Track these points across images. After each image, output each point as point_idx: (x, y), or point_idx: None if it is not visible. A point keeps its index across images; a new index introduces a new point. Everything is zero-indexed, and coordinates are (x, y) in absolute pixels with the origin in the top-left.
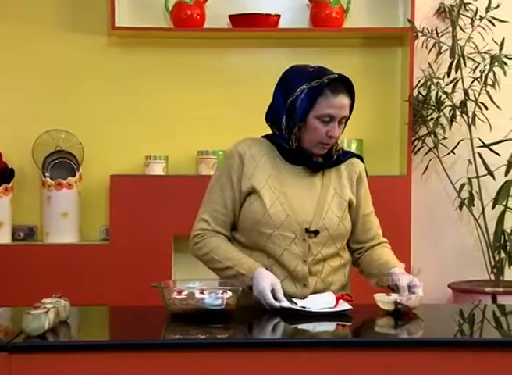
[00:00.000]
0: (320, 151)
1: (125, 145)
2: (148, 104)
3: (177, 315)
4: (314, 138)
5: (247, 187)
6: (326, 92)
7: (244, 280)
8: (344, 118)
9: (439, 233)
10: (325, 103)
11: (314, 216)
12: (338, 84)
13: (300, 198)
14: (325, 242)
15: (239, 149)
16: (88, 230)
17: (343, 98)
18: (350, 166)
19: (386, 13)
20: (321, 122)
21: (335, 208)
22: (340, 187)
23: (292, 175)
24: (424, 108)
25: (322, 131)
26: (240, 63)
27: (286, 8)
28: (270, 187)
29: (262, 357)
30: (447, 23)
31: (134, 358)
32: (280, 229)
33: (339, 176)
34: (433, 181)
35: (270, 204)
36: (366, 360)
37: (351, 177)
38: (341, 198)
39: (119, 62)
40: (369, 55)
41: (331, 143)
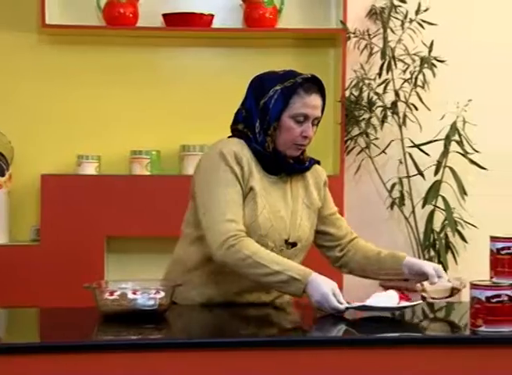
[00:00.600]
0: (294, 152)
1: (56, 144)
2: (80, 103)
3: (110, 316)
4: (288, 138)
5: (247, 189)
6: (300, 92)
7: (297, 285)
8: (317, 119)
9: (371, 232)
10: (299, 102)
11: (291, 227)
12: (311, 84)
13: (278, 209)
14: (297, 253)
15: (234, 149)
16: (18, 231)
17: (316, 98)
18: (316, 173)
19: (319, 14)
20: (295, 122)
21: (305, 220)
22: (308, 197)
23: (270, 184)
24: (357, 109)
25: (297, 131)
26: (173, 63)
27: (220, 7)
28: (260, 192)
29: (194, 357)
30: (378, 24)
31: (65, 360)
32: (264, 237)
33: (306, 185)
34: (365, 181)
35: (260, 210)
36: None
37: (318, 184)
38: (309, 209)
39: (50, 60)
40: (302, 55)
41: (305, 143)
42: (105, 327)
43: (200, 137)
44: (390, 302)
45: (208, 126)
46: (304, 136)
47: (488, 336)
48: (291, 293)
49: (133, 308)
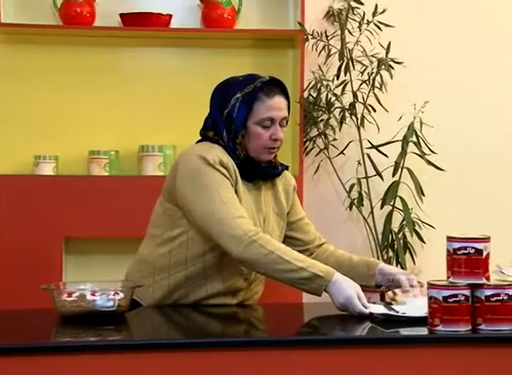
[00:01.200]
0: (267, 156)
1: (13, 144)
2: (38, 102)
3: (68, 317)
4: (258, 144)
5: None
6: (261, 96)
7: (319, 282)
8: (284, 119)
9: (330, 232)
10: (263, 107)
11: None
12: (271, 86)
13: (253, 216)
14: None
15: (220, 156)
16: None
17: (279, 99)
18: (284, 179)
19: (277, 15)
20: (262, 127)
21: (276, 229)
22: (278, 206)
23: (245, 191)
24: (315, 110)
25: (265, 136)
26: (131, 63)
27: (178, 8)
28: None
29: (154, 358)
30: (336, 26)
31: (22, 362)
32: None
33: (275, 192)
34: (324, 182)
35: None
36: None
37: (287, 190)
38: (279, 218)
39: (6, 60)
40: (260, 56)
41: (276, 146)
42: (64, 329)
43: (159, 138)
44: (420, 311)
45: (166, 127)
46: (273, 139)
47: (444, 335)
48: (312, 290)
49: (91, 309)
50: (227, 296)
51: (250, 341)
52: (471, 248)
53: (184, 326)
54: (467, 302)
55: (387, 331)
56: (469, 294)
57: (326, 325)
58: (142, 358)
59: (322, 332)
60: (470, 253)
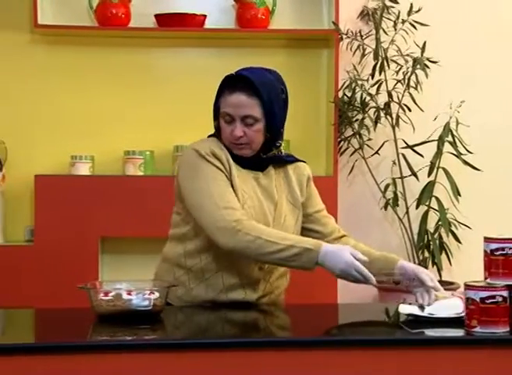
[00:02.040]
0: (237, 151)
1: (50, 145)
2: (73, 103)
3: (104, 316)
4: (224, 138)
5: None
6: (224, 91)
7: (310, 255)
8: (249, 117)
9: (365, 233)
10: (224, 102)
11: (274, 224)
12: (237, 83)
13: (261, 205)
14: None
15: (210, 146)
16: (12, 231)
17: (238, 97)
18: (298, 170)
19: (311, 15)
20: (224, 122)
21: (290, 217)
22: (292, 194)
23: (252, 180)
24: (350, 110)
25: (227, 131)
26: (166, 63)
27: (212, 8)
28: (241, 188)
29: (188, 358)
30: (371, 25)
31: (60, 361)
32: None
33: (289, 181)
34: (359, 182)
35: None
36: (286, 360)
37: (301, 180)
38: (293, 206)
39: (42, 61)
40: (295, 56)
41: (240, 142)
42: (100, 328)
43: (193, 138)
44: (454, 309)
45: (200, 127)
46: (233, 135)
47: (482, 337)
48: (305, 266)
49: (127, 308)
50: (246, 289)
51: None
52: (508, 249)
53: (219, 325)
54: (505, 303)
55: (414, 331)
56: (507, 295)
57: (359, 326)
58: (178, 357)
59: (356, 332)
60: (507, 254)
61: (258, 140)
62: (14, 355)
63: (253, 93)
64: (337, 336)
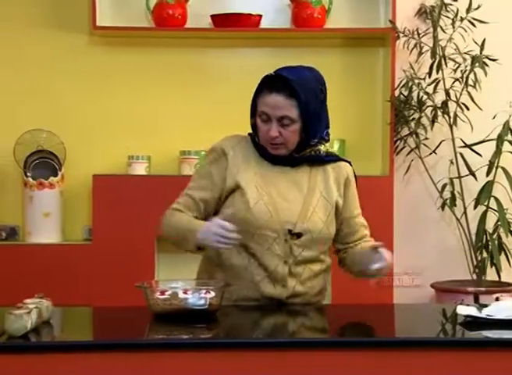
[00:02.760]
0: (272, 151)
1: (107, 145)
2: (130, 103)
3: (160, 315)
4: (260, 136)
5: (231, 184)
6: (264, 90)
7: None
8: (285, 118)
9: (422, 233)
10: (262, 101)
11: (299, 217)
12: (276, 83)
13: (286, 199)
14: (307, 244)
15: (223, 145)
16: (70, 230)
17: (275, 97)
18: (338, 169)
19: (368, 14)
20: (261, 121)
21: (320, 212)
22: (327, 190)
23: (278, 175)
24: (406, 109)
25: (264, 130)
26: (221, 63)
27: (268, 8)
28: (256, 185)
29: (245, 357)
30: (428, 23)
31: (117, 359)
32: (262, 229)
33: (327, 178)
34: (415, 181)
35: (254, 202)
36: (352, 360)
37: (339, 180)
38: (327, 202)
39: (100, 62)
40: (351, 55)
41: (275, 142)
42: (156, 326)
43: None
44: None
45: None
46: (269, 136)
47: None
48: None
49: (183, 307)
50: (276, 285)
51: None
52: None
53: (270, 325)
54: None
55: (473, 333)
56: None
57: (416, 325)
58: (233, 356)
59: (416, 332)
60: None
61: (294, 140)
62: (71, 353)
63: (290, 94)
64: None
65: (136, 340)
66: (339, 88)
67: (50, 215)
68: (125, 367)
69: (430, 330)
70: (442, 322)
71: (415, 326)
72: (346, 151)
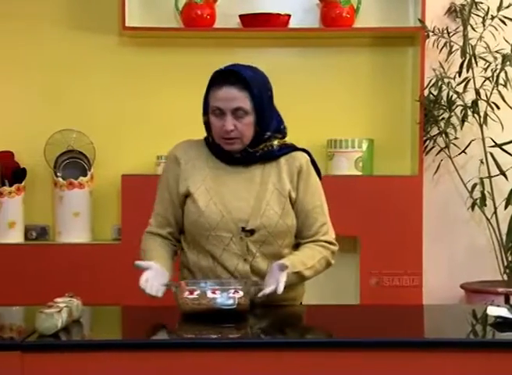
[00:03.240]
0: (226, 146)
1: (136, 145)
2: (159, 103)
3: (189, 314)
4: (214, 133)
5: (183, 190)
6: (213, 86)
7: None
8: (239, 110)
9: (451, 233)
10: (212, 97)
11: (252, 214)
12: (226, 77)
13: (238, 197)
14: (264, 240)
15: (175, 152)
16: (100, 230)
17: (228, 90)
18: (291, 160)
19: (397, 13)
20: (215, 116)
21: (274, 205)
22: (280, 183)
23: (230, 175)
24: (436, 108)
25: (217, 126)
26: (250, 63)
27: (297, 7)
28: (206, 188)
29: (273, 357)
30: (458, 22)
31: (147, 358)
32: (216, 230)
33: (279, 171)
34: (445, 181)
35: (204, 205)
36: (373, 361)
37: (291, 171)
38: (280, 194)
39: (129, 62)
40: (380, 54)
41: (230, 136)
42: (185, 326)
43: None
44: None
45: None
46: (224, 130)
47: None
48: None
49: (212, 307)
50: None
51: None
52: None
53: (298, 325)
54: None
55: (503, 334)
56: None
57: (446, 326)
58: (262, 356)
59: (446, 333)
60: None
61: (249, 133)
62: (101, 352)
63: (243, 87)
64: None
65: (164, 339)
66: (367, 88)
67: (79, 214)
68: (153, 366)
69: (460, 331)
70: (472, 323)
71: (445, 327)
72: (375, 150)
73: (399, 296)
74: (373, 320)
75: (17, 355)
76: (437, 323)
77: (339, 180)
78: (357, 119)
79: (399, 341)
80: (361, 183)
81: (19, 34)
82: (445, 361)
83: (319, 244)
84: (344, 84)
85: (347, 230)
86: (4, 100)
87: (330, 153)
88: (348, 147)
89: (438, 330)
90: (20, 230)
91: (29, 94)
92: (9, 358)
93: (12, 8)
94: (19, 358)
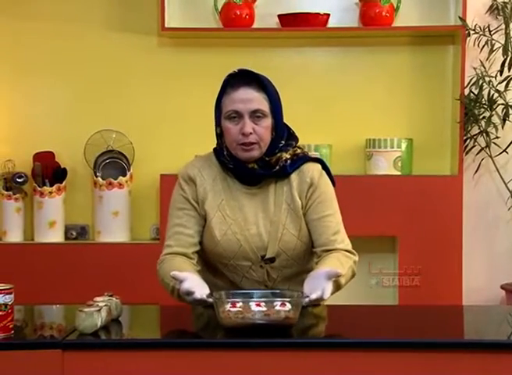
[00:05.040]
0: (243, 153)
1: (175, 145)
2: (197, 103)
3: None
4: (230, 140)
5: (202, 212)
6: (227, 90)
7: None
8: (258, 111)
9: (492, 233)
10: (228, 101)
11: (270, 240)
12: (240, 79)
13: (255, 223)
14: (284, 265)
15: (189, 172)
16: (139, 229)
17: (244, 91)
18: (301, 175)
19: (437, 11)
20: (230, 121)
21: (290, 228)
22: (293, 201)
23: (245, 196)
24: (476, 107)
25: (235, 131)
26: (289, 63)
27: (336, 7)
28: (222, 214)
29: (300, 356)
30: (500, 20)
31: (185, 357)
32: (234, 259)
33: (290, 188)
34: (485, 181)
35: (220, 235)
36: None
37: (302, 188)
38: (295, 214)
39: (168, 63)
40: (420, 53)
41: (248, 141)
42: None
43: (315, 137)
44: None
45: (323, 126)
46: (242, 133)
47: None
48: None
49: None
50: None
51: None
52: None
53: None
54: None
55: None
56: None
57: (486, 327)
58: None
59: (486, 334)
60: None
61: (267, 138)
62: (140, 351)
63: (260, 88)
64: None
65: (202, 339)
66: (407, 87)
67: (119, 214)
68: (191, 365)
69: (500, 333)
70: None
71: (485, 329)
72: (415, 150)
73: (438, 297)
74: (411, 321)
75: (58, 354)
76: (477, 324)
77: (378, 180)
78: (396, 119)
79: (438, 343)
80: (400, 183)
81: (60, 36)
82: (485, 363)
83: (342, 254)
84: (383, 84)
85: (386, 230)
86: (45, 101)
87: (369, 153)
88: (387, 146)
89: (478, 332)
90: (60, 230)
91: (69, 95)
92: (50, 356)
93: (53, 10)
94: (59, 356)
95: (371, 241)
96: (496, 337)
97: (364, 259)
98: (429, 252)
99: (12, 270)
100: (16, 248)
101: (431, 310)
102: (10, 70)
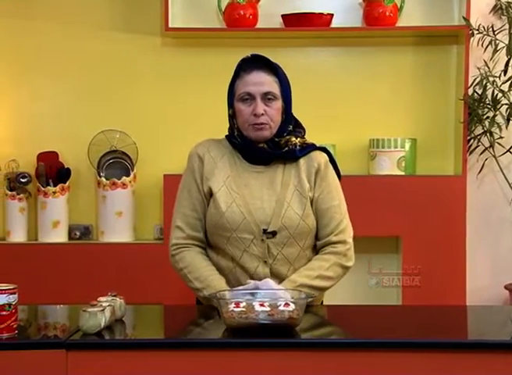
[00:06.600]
0: (255, 133)
1: (178, 145)
2: (201, 103)
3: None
4: (242, 121)
5: (206, 190)
6: (240, 73)
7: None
8: (269, 94)
9: (495, 233)
10: (241, 83)
11: (273, 215)
12: (252, 64)
13: (260, 198)
14: (285, 242)
15: (198, 151)
16: (142, 229)
17: (257, 75)
18: (309, 161)
19: (441, 11)
20: (243, 103)
21: (295, 206)
22: (300, 184)
23: (252, 175)
24: (480, 107)
25: (247, 112)
26: (293, 63)
27: (339, 7)
28: (227, 188)
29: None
30: (504, 20)
31: (189, 357)
32: (237, 231)
33: (298, 171)
34: (489, 181)
35: (225, 207)
36: (414, 362)
37: (309, 172)
38: (301, 195)
39: (172, 63)
40: (423, 53)
41: (260, 122)
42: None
43: (319, 137)
44: None
45: (326, 126)
46: (254, 114)
47: None
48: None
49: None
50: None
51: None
52: None
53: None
54: None
55: None
56: None
57: (490, 327)
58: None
59: (490, 335)
60: None
61: (277, 119)
62: (144, 351)
63: (271, 71)
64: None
65: (206, 339)
66: (410, 87)
67: (122, 214)
68: (195, 366)
69: (504, 333)
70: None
71: (488, 329)
72: (418, 150)
73: (441, 297)
74: (415, 321)
75: (61, 354)
76: (480, 324)
77: (382, 180)
78: (399, 119)
79: (441, 343)
80: (404, 183)
81: (64, 36)
82: (488, 363)
83: (327, 251)
84: (387, 83)
85: (389, 230)
86: (49, 101)
87: (372, 153)
88: (391, 146)
89: (481, 332)
90: (64, 230)
91: (73, 95)
92: (54, 356)
93: (57, 11)
94: (63, 356)
95: (375, 240)
96: (499, 338)
97: (368, 259)
98: (433, 252)
99: (15, 270)
100: (20, 248)
101: (434, 310)
102: (14, 70)
